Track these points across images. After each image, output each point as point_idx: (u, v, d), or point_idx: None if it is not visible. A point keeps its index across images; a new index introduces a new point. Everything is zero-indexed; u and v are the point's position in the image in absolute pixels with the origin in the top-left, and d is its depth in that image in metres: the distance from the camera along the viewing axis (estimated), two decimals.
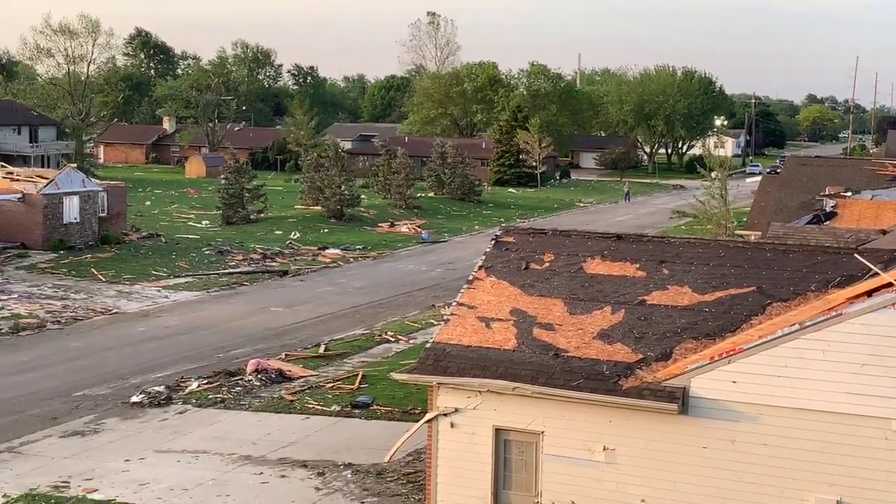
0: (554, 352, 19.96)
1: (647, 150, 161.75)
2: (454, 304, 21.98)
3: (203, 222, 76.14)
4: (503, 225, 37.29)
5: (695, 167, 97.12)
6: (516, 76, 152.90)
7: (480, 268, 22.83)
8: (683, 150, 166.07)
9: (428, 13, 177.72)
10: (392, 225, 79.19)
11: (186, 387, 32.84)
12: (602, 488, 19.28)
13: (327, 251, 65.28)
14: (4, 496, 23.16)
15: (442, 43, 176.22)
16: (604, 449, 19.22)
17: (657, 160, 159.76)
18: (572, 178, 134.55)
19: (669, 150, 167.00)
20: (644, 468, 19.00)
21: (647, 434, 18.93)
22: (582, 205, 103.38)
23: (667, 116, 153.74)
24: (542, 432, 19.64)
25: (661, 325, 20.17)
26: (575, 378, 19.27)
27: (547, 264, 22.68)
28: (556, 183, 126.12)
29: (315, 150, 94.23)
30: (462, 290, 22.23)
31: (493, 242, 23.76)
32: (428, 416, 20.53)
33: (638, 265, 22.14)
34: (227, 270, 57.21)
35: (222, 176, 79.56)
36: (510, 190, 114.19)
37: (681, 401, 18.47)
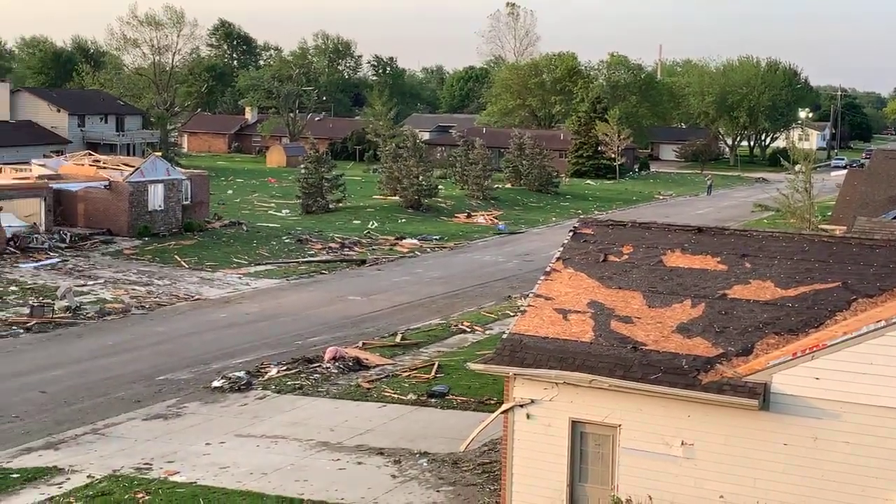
0: (632, 345, 19.80)
1: (729, 142, 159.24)
2: (531, 295, 21.94)
3: (283, 211, 77.12)
4: (581, 217, 37.11)
5: (778, 160, 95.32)
6: (596, 67, 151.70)
7: (558, 259, 22.74)
8: (766, 143, 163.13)
9: (507, 4, 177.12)
10: (469, 216, 79.27)
11: (266, 373, 33.33)
12: (680, 483, 19.10)
13: (404, 241, 65.62)
14: (89, 477, 23.77)
15: (521, 34, 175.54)
16: (682, 444, 19.03)
17: (739, 153, 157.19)
18: (651, 170, 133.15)
19: (752, 143, 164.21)
20: (723, 464, 18.77)
21: (726, 430, 18.69)
22: (661, 197, 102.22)
23: (750, 108, 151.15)
24: (619, 425, 19.52)
25: (742, 320, 19.88)
26: (653, 371, 19.10)
27: (626, 256, 22.51)
28: (634, 175, 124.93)
29: (393, 141, 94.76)
30: (539, 282, 22.17)
31: (571, 234, 23.65)
32: (504, 406, 20.54)
33: (719, 259, 21.85)
34: (306, 259, 57.88)
35: (302, 165, 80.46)
36: (588, 182, 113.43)
37: (762, 397, 18.20)
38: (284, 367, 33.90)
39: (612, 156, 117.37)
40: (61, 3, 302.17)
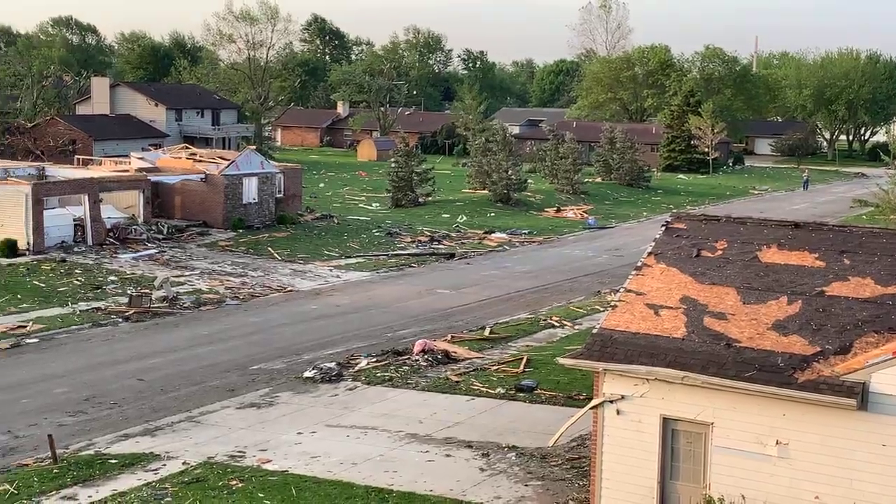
0: (726, 341, 19.48)
1: (827, 136, 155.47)
2: (622, 290, 21.73)
3: (373, 204, 77.78)
4: (673, 211, 36.59)
5: (878, 154, 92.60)
6: (689, 60, 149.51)
7: (650, 254, 22.48)
8: (866, 137, 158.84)
9: None
10: (558, 210, 78.88)
11: (356, 364, 33.67)
12: (774, 483, 18.74)
13: (493, 235, 65.59)
14: (184, 463, 24.30)
15: (613, 26, 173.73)
16: (777, 443, 18.66)
17: (837, 147, 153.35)
18: (746, 164, 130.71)
19: (851, 137, 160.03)
20: (819, 464, 18.35)
21: (822, 429, 18.27)
22: (756, 192, 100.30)
23: (849, 101, 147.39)
24: (712, 423, 19.22)
25: (840, 318, 19.41)
26: (748, 369, 18.76)
27: (720, 252, 22.14)
28: (728, 169, 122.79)
29: (483, 135, 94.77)
30: (630, 277, 21.96)
31: (663, 229, 23.36)
32: (594, 402, 20.40)
33: (817, 255, 21.35)
34: (395, 252, 58.29)
35: (392, 159, 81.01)
36: (680, 176, 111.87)
37: (860, 396, 17.74)
38: (374, 359, 34.20)
39: (706, 150, 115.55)
40: (159, 0, 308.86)
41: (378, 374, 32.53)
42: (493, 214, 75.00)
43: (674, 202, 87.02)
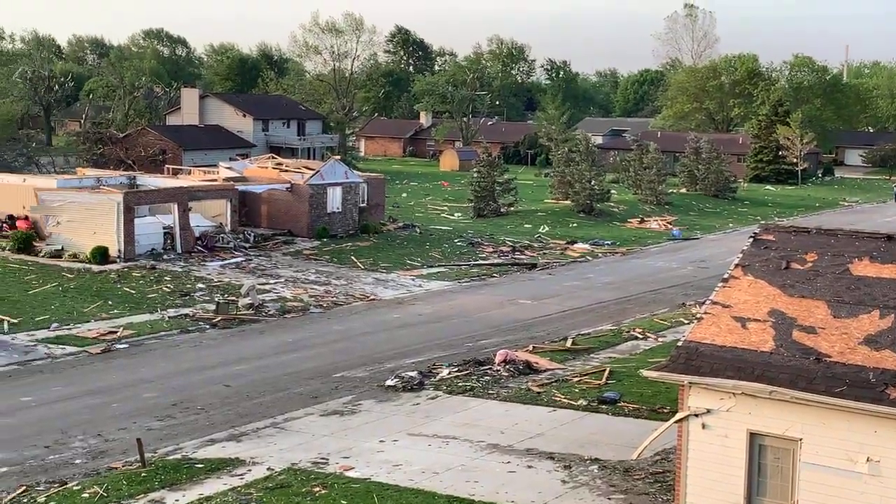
0: (815, 356, 19.08)
1: None
2: (708, 302, 21.43)
3: (455, 214, 77.98)
4: (761, 223, 35.99)
5: None
6: (777, 69, 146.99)
7: (737, 266, 22.14)
8: None
9: (685, 5, 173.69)
10: (642, 221, 78.14)
11: (438, 373, 33.75)
12: (863, 501, 18.28)
13: (576, 245, 65.25)
14: (269, 469, 24.62)
15: (699, 35, 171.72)
16: (867, 460, 18.20)
17: None
18: (836, 175, 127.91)
19: None
20: None
21: None
22: (846, 204, 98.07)
23: None
24: (801, 439, 18.83)
25: None
26: (838, 385, 18.35)
27: (809, 264, 21.70)
28: (817, 181, 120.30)
29: (566, 145, 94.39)
30: (716, 289, 21.64)
31: (751, 240, 22.98)
32: (678, 415, 20.15)
33: None
34: (477, 262, 58.33)
35: (475, 169, 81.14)
36: (767, 187, 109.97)
37: None
38: (456, 369, 34.25)
39: (794, 160, 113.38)
40: (248, 12, 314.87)
41: (459, 384, 32.56)
42: (575, 225, 74.62)
43: (761, 213, 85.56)
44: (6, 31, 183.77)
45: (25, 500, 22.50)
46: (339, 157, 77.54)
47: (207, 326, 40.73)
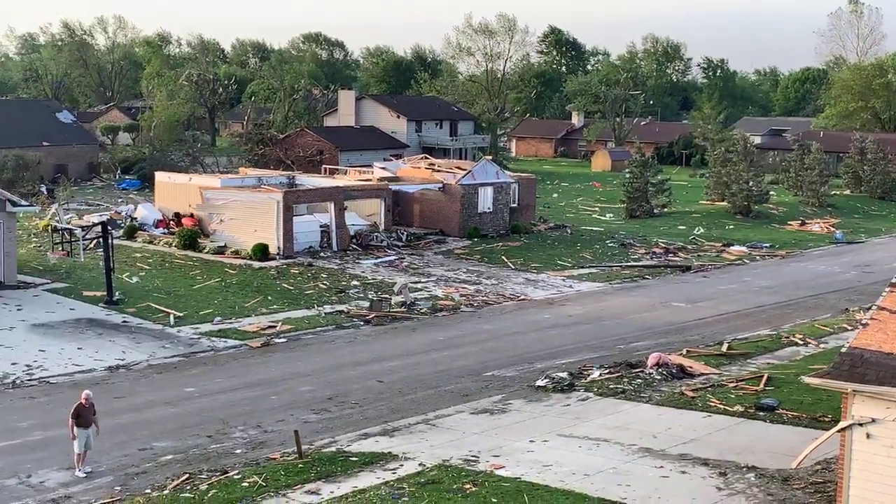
0: None
1: None
2: (874, 308, 20.57)
3: (607, 215, 77.24)
4: None
5: None
6: None
7: None
8: None
9: (850, 1, 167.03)
10: (802, 223, 75.65)
11: (588, 375, 33.49)
12: None
13: (732, 248, 63.71)
14: (420, 465, 24.90)
15: (864, 32, 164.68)
16: None
17: None
18: None
19: None
20: None
21: None
22: None
23: None
24: None
25: None
26: None
27: None
28: None
29: (722, 145, 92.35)
30: (884, 294, 20.74)
31: None
32: (841, 424, 19.42)
33: None
34: (629, 263, 57.60)
35: (627, 170, 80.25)
36: None
37: None
38: (607, 371, 33.91)
39: None
40: (403, 15, 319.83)
41: (611, 386, 32.22)
42: (731, 227, 72.83)
43: None
44: (174, 36, 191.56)
45: (188, 488, 23.42)
46: (490, 157, 77.90)
47: (361, 323, 41.53)
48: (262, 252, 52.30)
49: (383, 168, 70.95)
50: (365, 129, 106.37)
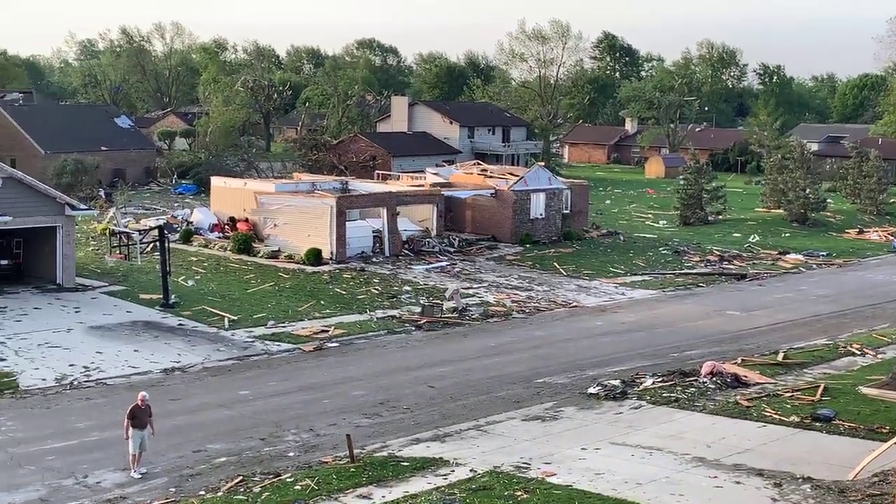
0: None
1: None
2: None
3: (660, 222, 76.68)
4: None
5: None
6: None
7: None
8: None
9: None
10: (860, 232, 74.51)
11: (641, 383, 33.26)
12: None
13: (788, 256, 62.91)
14: (472, 471, 24.89)
15: None
16: None
17: None
18: None
19: None
20: None
21: None
22: None
23: None
24: None
25: None
26: None
27: None
28: None
29: (779, 152, 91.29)
30: None
31: None
32: None
33: None
34: (683, 271, 57.11)
35: (681, 176, 79.67)
36: None
37: None
38: (660, 379, 33.65)
39: None
40: (456, 22, 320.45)
41: (664, 395, 31.98)
42: (787, 235, 71.95)
43: None
44: (230, 42, 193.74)
45: (242, 490, 23.63)
46: (542, 163, 77.72)
47: (413, 328, 41.63)
48: (315, 257, 52.66)
49: (436, 174, 71.10)
50: (417, 135, 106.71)
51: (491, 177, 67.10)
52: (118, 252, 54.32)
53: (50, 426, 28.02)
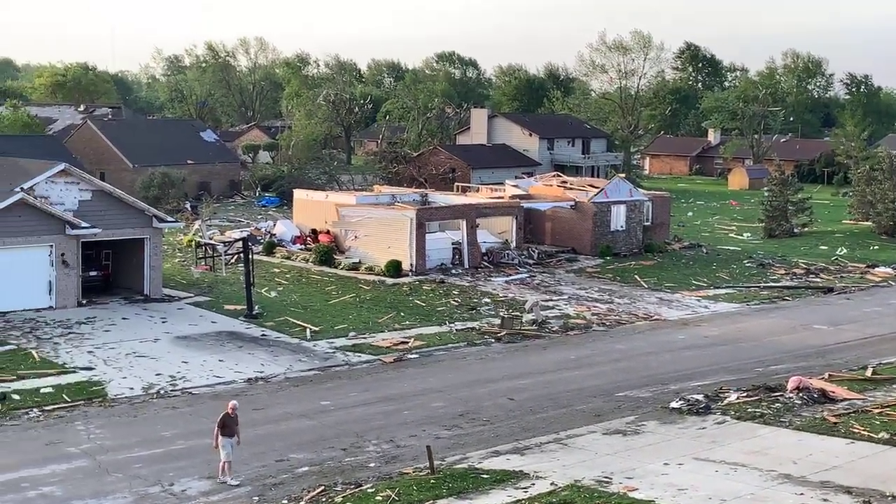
0: None
1: None
2: None
3: (744, 234, 75.52)
4: None
5: None
6: None
7: None
8: None
9: None
10: None
11: (725, 398, 32.72)
12: None
13: (877, 269, 61.41)
14: (552, 484, 24.72)
15: None
16: None
17: None
18: None
19: None
20: None
21: None
22: None
23: None
24: None
25: None
26: None
27: None
28: None
29: (867, 163, 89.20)
30: None
31: None
32: None
33: None
34: (768, 284, 56.11)
35: (766, 188, 78.40)
36: None
37: None
38: (744, 394, 33.06)
39: None
40: (536, 34, 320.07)
41: (748, 410, 31.41)
42: (876, 247, 70.24)
43: None
44: (312, 57, 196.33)
45: (324, 500, 23.83)
46: (623, 175, 77.13)
47: (492, 340, 41.58)
48: (395, 268, 52.98)
49: (515, 186, 70.99)
50: (497, 147, 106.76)
51: (571, 188, 66.79)
52: (203, 263, 55.32)
53: (137, 434, 28.62)
